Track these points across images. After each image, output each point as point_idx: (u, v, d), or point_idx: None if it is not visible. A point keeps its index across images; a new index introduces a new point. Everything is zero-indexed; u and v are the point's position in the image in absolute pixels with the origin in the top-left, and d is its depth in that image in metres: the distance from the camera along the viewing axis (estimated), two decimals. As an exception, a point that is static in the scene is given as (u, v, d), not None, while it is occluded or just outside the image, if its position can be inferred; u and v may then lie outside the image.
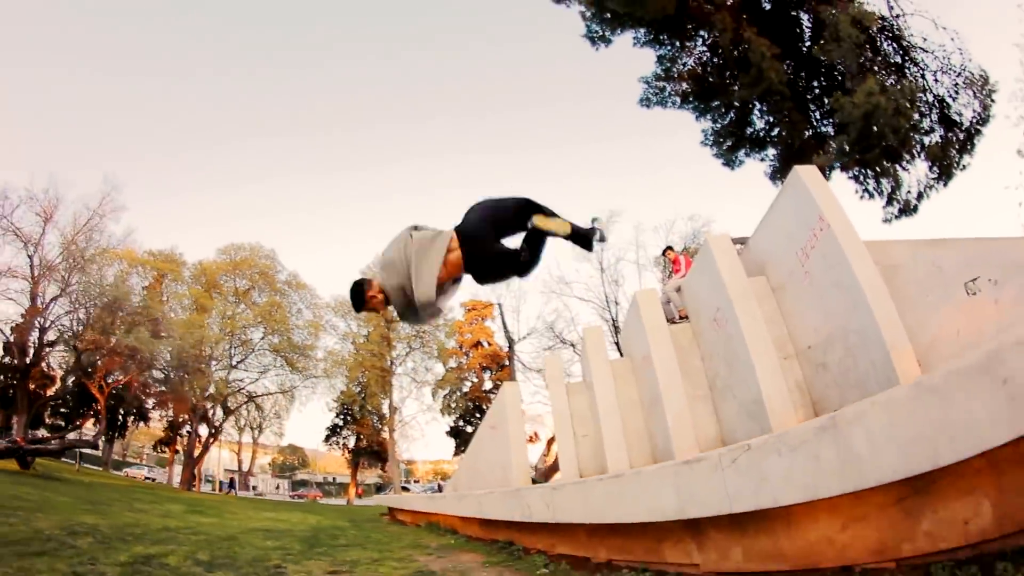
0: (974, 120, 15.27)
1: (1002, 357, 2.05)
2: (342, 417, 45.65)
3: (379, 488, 62.11)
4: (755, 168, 32.18)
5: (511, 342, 37.58)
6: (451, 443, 44.98)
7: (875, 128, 13.60)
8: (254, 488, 55.74)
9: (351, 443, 46.37)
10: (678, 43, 17.97)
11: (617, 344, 26.41)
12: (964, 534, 2.31)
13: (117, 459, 49.09)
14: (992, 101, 15.07)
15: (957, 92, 15.41)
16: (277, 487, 67.00)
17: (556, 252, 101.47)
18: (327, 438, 46.92)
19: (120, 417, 40.44)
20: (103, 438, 34.93)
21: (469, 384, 44.08)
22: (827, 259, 5.49)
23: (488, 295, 43.60)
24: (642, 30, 17.59)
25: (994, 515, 2.25)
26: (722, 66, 17.46)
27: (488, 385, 44.08)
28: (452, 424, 44.18)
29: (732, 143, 18.68)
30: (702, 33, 17.64)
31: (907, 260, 5.49)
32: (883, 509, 2.54)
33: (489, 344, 45.14)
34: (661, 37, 17.83)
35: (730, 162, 19.06)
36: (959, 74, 15.34)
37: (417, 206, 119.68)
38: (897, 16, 15.95)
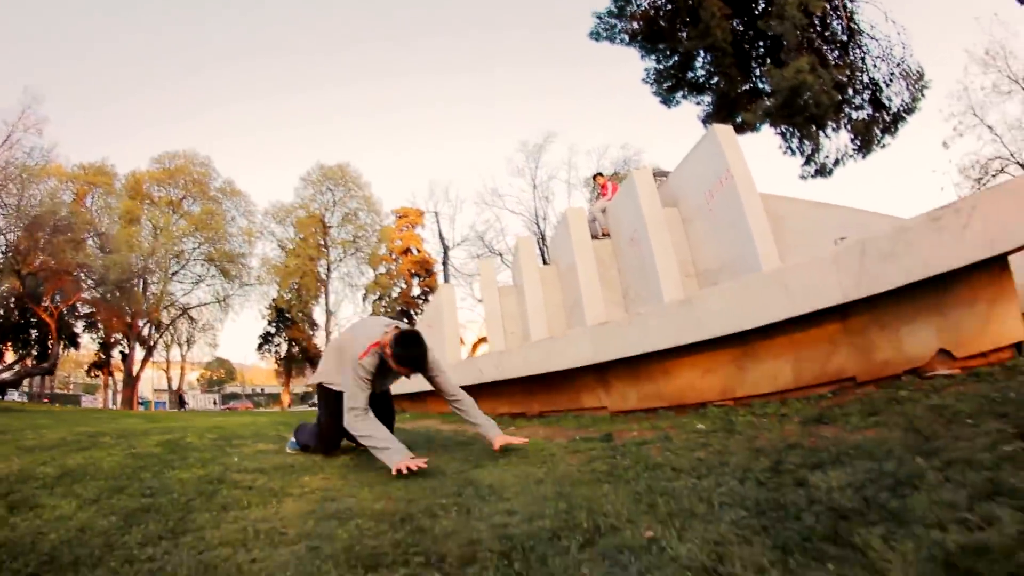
0: (902, 107, 16.88)
1: (783, 273, 3.38)
2: (275, 325, 45.47)
3: (303, 397, 61.37)
4: (690, 109, 33.81)
5: (446, 249, 38.63)
6: (375, 352, 45.67)
7: (800, 100, 14.97)
8: (186, 405, 54.58)
9: (283, 350, 46.30)
10: (636, -18, 18.61)
11: (542, 255, 27.94)
12: (773, 384, 3.62)
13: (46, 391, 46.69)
14: (922, 95, 16.65)
15: (892, 80, 16.95)
16: (214, 402, 65.16)
17: (490, 166, 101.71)
18: (260, 346, 46.57)
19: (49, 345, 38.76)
20: (55, 363, 33.54)
21: (398, 290, 44.94)
22: (728, 203, 6.79)
23: (423, 203, 44.22)
24: (602, -37, 18.13)
25: (792, 373, 3.57)
26: (674, 13, 18.21)
27: (416, 291, 45.12)
28: (381, 329, 44.72)
29: (672, 84, 19.68)
30: (661, -23, 18.32)
31: (793, 214, 6.86)
32: (725, 365, 3.85)
33: (419, 251, 45.87)
34: (620, -26, 18.42)
35: (667, 101, 20.10)
36: (897, 64, 16.83)
37: (347, 128, 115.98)
38: (853, 0, 17.15)
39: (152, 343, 39.50)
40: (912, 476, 1.73)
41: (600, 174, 12.41)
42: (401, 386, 4.99)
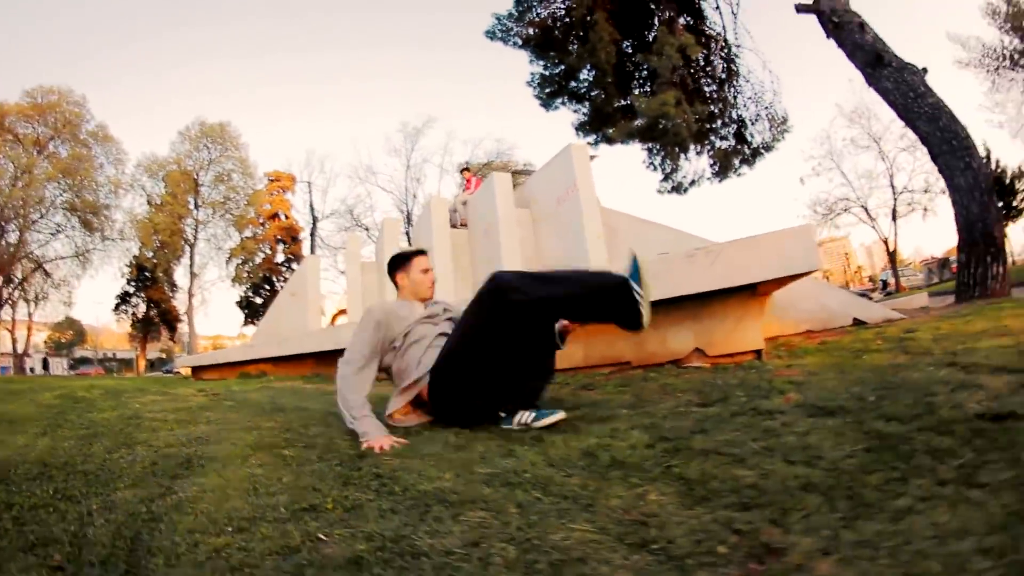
0: (762, 144, 18.63)
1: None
2: (135, 284, 42.07)
3: (153, 364, 56.23)
4: (567, 115, 35.58)
5: (315, 219, 38.05)
6: (233, 318, 44.56)
7: (661, 126, 16.52)
8: (32, 370, 47.37)
9: (141, 311, 42.90)
10: (541, -9, 19.34)
11: (408, 235, 28.40)
12: (569, 362, 4.51)
13: None
14: (783, 137, 18.48)
15: (757, 119, 18.63)
16: (71, 366, 58.50)
17: (368, 143, 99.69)
18: (117, 306, 42.82)
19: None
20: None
21: (263, 255, 43.58)
22: (572, 211, 7.75)
23: (298, 173, 43.33)
24: (512, -33, 18.69)
25: (583, 355, 4.48)
26: (568, 27, 19.12)
27: (280, 258, 43.82)
28: (243, 294, 43.18)
29: (554, 90, 20.33)
30: (564, -8, 19.13)
31: (625, 228, 7.92)
32: (533, 345, 4.72)
33: (287, 217, 44.66)
34: (526, -19, 19.07)
35: (547, 105, 20.62)
36: (766, 108, 18.47)
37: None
38: (738, 46, 18.82)
39: (3, 300, 35.13)
40: (611, 416, 2.61)
41: (467, 168, 13.07)
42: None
